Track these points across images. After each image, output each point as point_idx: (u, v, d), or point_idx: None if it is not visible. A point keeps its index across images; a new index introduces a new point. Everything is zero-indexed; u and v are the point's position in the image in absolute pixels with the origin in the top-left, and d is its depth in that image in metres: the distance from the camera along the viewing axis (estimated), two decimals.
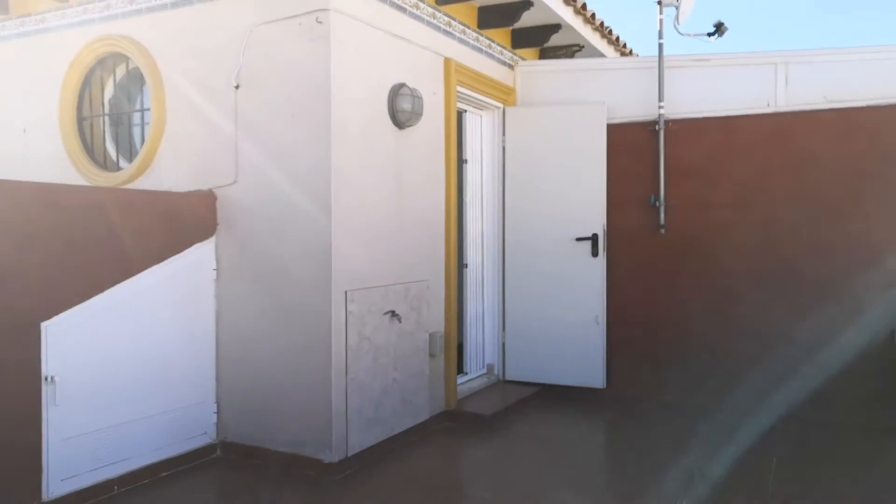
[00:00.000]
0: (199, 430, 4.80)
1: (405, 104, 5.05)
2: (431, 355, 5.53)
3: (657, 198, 6.32)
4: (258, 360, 4.76)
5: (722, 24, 6.30)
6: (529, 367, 6.56)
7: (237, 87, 4.80)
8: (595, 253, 6.35)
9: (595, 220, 6.38)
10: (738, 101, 6.07)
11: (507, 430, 5.56)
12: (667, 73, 6.27)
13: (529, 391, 6.37)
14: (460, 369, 6.27)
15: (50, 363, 3.88)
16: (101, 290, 4.16)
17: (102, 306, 4.18)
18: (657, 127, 6.31)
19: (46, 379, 3.86)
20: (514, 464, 4.89)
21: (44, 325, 3.85)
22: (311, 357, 4.56)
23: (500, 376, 6.68)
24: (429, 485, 4.50)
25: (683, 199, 6.29)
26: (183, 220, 4.70)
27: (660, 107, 6.28)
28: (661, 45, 6.32)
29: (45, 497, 3.85)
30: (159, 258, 4.52)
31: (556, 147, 6.48)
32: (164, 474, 4.49)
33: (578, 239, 6.40)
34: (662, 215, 6.31)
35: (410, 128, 5.22)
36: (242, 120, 4.78)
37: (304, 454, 4.58)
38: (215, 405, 4.90)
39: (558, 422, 5.89)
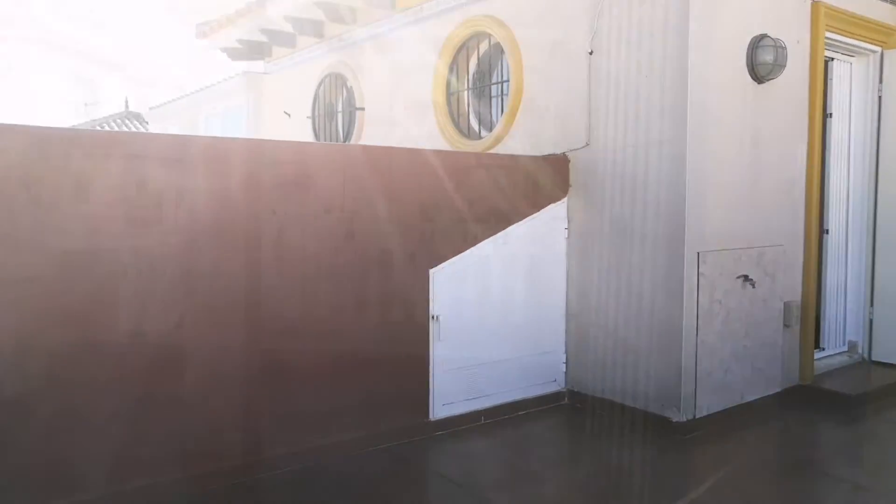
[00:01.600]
0: (549, 378, 5.19)
1: (766, 56, 4.73)
2: (786, 325, 5.18)
3: None
4: (605, 316, 4.96)
5: None
6: None
7: (591, 54, 4.97)
8: None
9: None
10: None
11: (874, 415, 4.99)
12: None
13: None
14: (816, 344, 5.75)
15: (435, 304, 4.54)
16: (474, 244, 4.72)
17: (474, 258, 4.74)
18: None
19: (433, 317, 4.54)
20: (881, 450, 4.38)
21: (431, 271, 4.52)
22: (661, 317, 4.61)
23: (865, 355, 5.97)
24: (782, 457, 4.29)
25: None
26: (541, 182, 5.07)
27: None
28: None
29: (430, 417, 4.56)
30: (520, 217, 4.95)
31: None
32: (520, 413, 4.97)
33: None
34: None
35: (770, 81, 4.89)
36: (594, 85, 4.95)
37: (651, 410, 4.68)
38: (564, 355, 5.24)
39: None
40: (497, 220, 4.84)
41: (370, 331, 4.26)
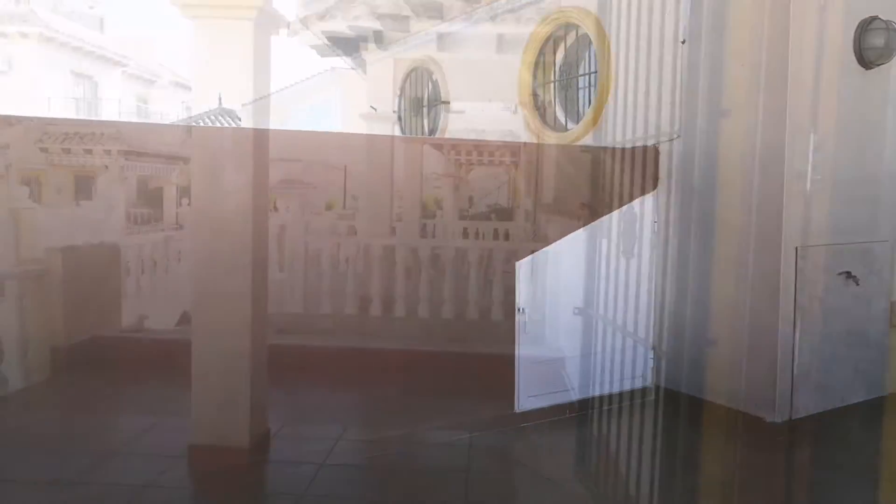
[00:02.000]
0: (636, 373, 5.10)
1: (876, 40, 4.48)
2: (893, 326, 4.90)
3: None
4: (697, 311, 4.83)
5: None
6: None
7: (683, 43, 4.84)
8: None
9: None
10: None
11: None
12: None
13: None
14: None
15: (521, 296, 4.56)
16: (560, 237, 4.70)
17: (560, 252, 4.72)
18: None
19: (519, 310, 4.55)
20: None
21: (518, 264, 4.54)
22: (755, 314, 4.45)
23: None
24: (880, 464, 4.07)
25: None
26: (629, 175, 4.99)
27: None
28: None
29: (517, 408, 4.57)
30: (608, 210, 4.89)
31: None
32: (606, 408, 4.91)
33: None
34: None
35: (880, 66, 4.62)
36: (686, 75, 4.82)
37: (743, 410, 4.52)
38: (652, 351, 5.14)
39: None
40: (584, 213, 4.80)
41: (460, 321, 4.32)
